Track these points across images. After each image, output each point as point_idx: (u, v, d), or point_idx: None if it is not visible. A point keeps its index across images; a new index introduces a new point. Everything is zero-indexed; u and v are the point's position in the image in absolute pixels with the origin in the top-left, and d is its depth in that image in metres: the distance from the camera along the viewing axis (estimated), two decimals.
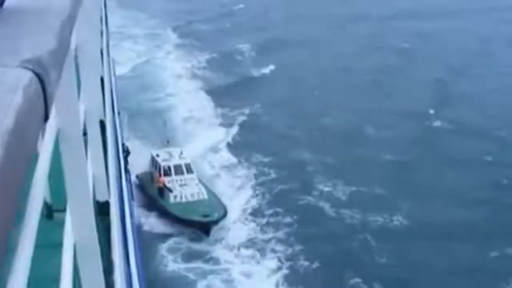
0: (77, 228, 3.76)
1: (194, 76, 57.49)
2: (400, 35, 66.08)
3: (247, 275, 29.37)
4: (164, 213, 33.84)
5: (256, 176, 37.55)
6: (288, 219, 32.99)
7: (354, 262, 29.11)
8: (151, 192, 35.42)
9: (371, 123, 43.50)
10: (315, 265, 29.22)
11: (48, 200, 6.00)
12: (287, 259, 29.82)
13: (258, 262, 30.08)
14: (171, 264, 30.54)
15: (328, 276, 28.31)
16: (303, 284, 28.08)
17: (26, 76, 1.69)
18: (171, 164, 35.35)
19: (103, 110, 8.50)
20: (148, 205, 34.97)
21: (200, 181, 35.38)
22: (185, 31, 72.96)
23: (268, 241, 31.46)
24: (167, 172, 35.07)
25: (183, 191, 34.18)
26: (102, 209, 6.44)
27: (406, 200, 33.13)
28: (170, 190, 34.25)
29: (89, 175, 4.89)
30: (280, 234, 31.86)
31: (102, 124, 7.99)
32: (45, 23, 2.34)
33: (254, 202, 35.12)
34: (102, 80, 9.68)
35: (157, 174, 35.54)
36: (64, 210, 3.87)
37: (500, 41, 63.43)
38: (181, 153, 36.52)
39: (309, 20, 74.81)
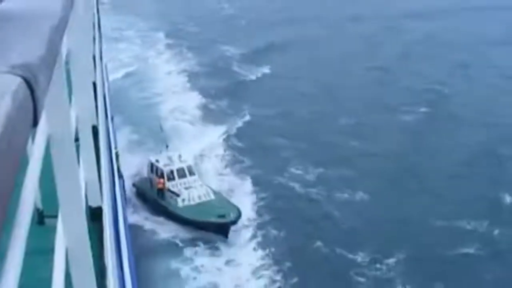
0: (69, 234, 3.75)
1: (184, 74, 59.69)
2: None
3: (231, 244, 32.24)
4: (174, 218, 33.70)
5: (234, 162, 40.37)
6: (262, 195, 36.14)
7: (319, 230, 32.56)
8: (155, 198, 35.28)
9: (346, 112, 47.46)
10: (283, 233, 32.65)
11: (40, 206, 5.98)
12: (259, 228, 33.11)
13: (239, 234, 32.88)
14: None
15: (295, 241, 31.77)
16: (275, 247, 31.36)
17: (15, 82, 1.69)
18: (174, 168, 35.31)
19: (95, 115, 8.50)
20: (152, 211, 34.95)
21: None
22: (176, 34, 74.97)
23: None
24: (170, 177, 35.01)
25: (190, 193, 34.15)
26: (94, 214, 6.43)
27: (369, 180, 36.76)
28: (177, 194, 34.24)
29: (81, 181, 4.87)
30: (255, 207, 35.11)
31: (95, 130, 7.98)
32: (35, 28, 2.34)
33: (231, 183, 37.88)
34: (94, 85, 9.67)
35: (159, 179, 35.41)
36: (55, 216, 3.85)
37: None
38: (180, 156, 36.50)
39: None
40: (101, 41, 18.10)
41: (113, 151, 22.15)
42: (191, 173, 35.40)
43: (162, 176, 35.09)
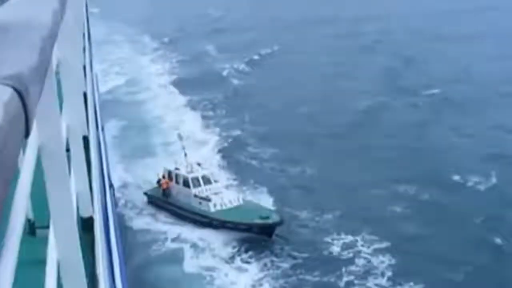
0: (60, 245, 3.74)
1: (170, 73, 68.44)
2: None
3: None
4: (207, 223, 34.38)
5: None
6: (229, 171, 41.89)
7: (270, 192, 38.24)
8: (179, 204, 36.08)
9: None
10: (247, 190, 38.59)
11: (31, 216, 5.96)
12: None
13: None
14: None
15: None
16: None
17: (6, 93, 1.68)
18: (199, 175, 36.26)
19: (86, 126, 8.48)
20: (176, 217, 35.93)
21: None
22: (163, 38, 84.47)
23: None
24: (195, 184, 35.89)
25: (221, 198, 35.08)
26: (86, 225, 6.40)
27: (316, 160, 42.69)
28: (208, 199, 35.07)
29: (72, 191, 4.86)
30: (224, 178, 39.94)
31: (86, 140, 7.97)
32: (25, 39, 2.34)
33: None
34: (85, 95, 9.66)
35: (164, 180, 36.92)
36: (47, 227, 3.84)
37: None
38: (199, 164, 37.51)
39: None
40: (91, 51, 18.09)
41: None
42: (215, 180, 36.61)
43: (185, 183, 35.99)
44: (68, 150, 5.50)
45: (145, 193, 38.40)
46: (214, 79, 63.02)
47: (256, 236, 33.20)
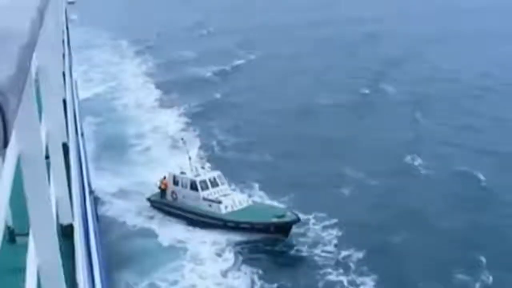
0: (40, 252, 3.74)
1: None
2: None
3: None
4: (220, 225, 34.42)
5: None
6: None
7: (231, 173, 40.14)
8: (187, 208, 36.14)
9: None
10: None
11: (11, 224, 5.94)
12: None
13: None
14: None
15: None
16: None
17: None
18: (206, 178, 36.49)
19: (66, 133, 8.45)
20: (184, 220, 36.05)
21: None
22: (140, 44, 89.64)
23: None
24: (203, 187, 36.11)
25: (231, 200, 35.32)
26: (66, 232, 6.39)
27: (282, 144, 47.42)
28: (219, 201, 35.27)
29: (52, 198, 4.86)
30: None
31: (66, 147, 7.94)
32: (4, 48, 2.35)
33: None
34: (64, 102, 9.63)
35: (163, 180, 37.31)
36: (27, 234, 3.84)
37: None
38: (203, 167, 37.89)
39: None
40: (71, 58, 18.01)
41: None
42: (222, 182, 36.78)
43: (192, 186, 36.26)
44: (47, 157, 5.50)
45: (148, 199, 38.25)
46: (191, 82, 66.83)
47: (272, 235, 33.52)
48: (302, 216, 34.29)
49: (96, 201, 32.08)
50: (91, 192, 22.89)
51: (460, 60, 71.04)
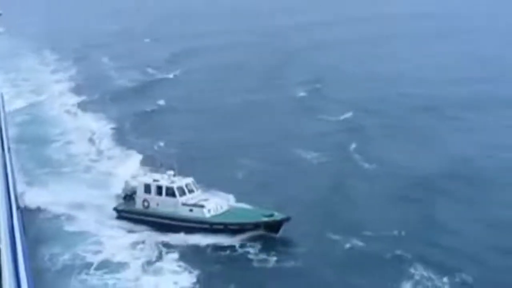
0: None
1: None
2: None
3: None
4: (205, 228, 34.92)
5: None
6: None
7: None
8: (162, 214, 36.38)
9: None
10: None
11: None
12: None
13: None
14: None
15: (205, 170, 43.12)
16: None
17: None
18: (182, 184, 36.93)
19: None
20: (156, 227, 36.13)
21: None
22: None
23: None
24: (180, 193, 36.58)
25: (212, 204, 36.05)
26: None
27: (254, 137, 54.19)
28: (201, 206, 35.89)
29: None
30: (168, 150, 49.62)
31: None
32: None
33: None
34: None
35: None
36: None
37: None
38: (174, 175, 37.64)
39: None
40: None
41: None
42: (196, 188, 37.40)
43: (168, 192, 36.55)
44: None
45: (115, 209, 37.98)
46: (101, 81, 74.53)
47: (263, 233, 34.46)
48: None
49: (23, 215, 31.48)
50: (18, 207, 22.59)
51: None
